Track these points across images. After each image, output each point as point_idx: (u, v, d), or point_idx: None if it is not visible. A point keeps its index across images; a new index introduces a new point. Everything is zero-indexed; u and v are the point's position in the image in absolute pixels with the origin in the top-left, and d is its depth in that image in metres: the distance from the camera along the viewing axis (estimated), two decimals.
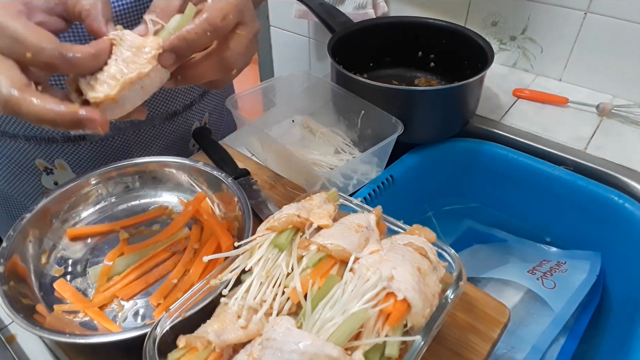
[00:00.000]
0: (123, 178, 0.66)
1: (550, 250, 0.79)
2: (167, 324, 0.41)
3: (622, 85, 0.89)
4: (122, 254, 0.58)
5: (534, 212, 0.82)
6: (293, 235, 0.45)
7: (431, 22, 0.86)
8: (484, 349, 0.49)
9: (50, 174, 0.73)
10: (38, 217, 0.58)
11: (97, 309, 0.52)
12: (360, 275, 0.40)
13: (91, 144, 0.71)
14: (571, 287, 0.68)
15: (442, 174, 0.84)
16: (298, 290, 0.39)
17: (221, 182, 0.62)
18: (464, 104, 0.76)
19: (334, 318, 0.37)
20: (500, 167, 0.81)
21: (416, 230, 0.47)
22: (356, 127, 0.78)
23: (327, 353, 0.34)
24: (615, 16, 0.84)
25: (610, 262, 0.73)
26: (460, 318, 0.52)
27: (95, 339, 0.46)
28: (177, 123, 0.78)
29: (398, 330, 0.38)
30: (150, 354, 0.39)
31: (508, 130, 0.83)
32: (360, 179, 0.72)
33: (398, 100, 0.73)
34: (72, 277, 0.57)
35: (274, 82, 0.84)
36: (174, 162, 0.66)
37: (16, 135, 0.68)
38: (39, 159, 0.71)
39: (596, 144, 0.79)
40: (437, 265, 0.44)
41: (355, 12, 1.09)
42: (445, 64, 0.89)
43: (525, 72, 0.99)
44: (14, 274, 0.52)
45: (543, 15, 0.91)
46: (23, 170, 0.73)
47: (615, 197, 0.71)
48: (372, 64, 0.92)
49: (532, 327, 0.67)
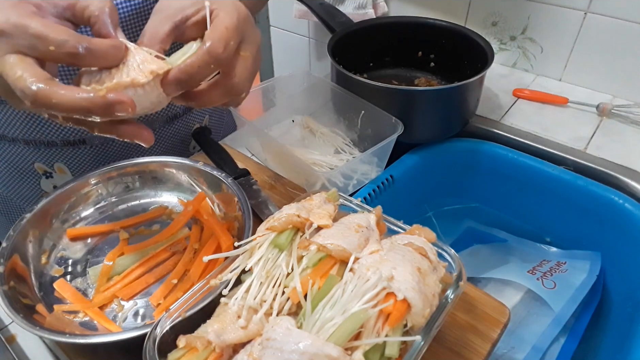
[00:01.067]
0: (123, 178, 0.66)
1: (550, 250, 0.79)
2: (167, 324, 0.41)
3: (622, 85, 0.89)
4: (122, 254, 0.58)
5: (534, 212, 0.82)
6: (293, 235, 0.45)
7: (431, 22, 0.86)
8: (484, 349, 0.49)
9: (49, 177, 0.73)
10: (38, 217, 0.58)
11: (97, 309, 0.52)
12: (360, 275, 0.40)
13: (91, 148, 0.71)
14: (571, 287, 0.68)
15: (442, 174, 0.84)
16: (298, 290, 0.39)
17: (221, 182, 0.62)
18: (464, 104, 0.76)
19: (334, 318, 0.37)
20: (500, 167, 0.81)
21: (416, 230, 0.47)
22: (356, 127, 0.78)
23: (327, 353, 0.34)
24: (615, 16, 0.84)
25: (610, 262, 0.73)
26: (460, 318, 0.52)
27: (95, 339, 0.45)
28: (178, 126, 0.78)
29: (398, 330, 0.38)
30: (150, 354, 0.39)
31: (508, 130, 0.83)
32: (360, 179, 0.72)
33: (398, 100, 0.73)
34: (72, 277, 0.57)
35: (274, 82, 0.84)
36: (174, 162, 0.66)
37: (15, 139, 0.68)
38: (39, 163, 0.71)
39: (596, 144, 0.79)
40: (437, 265, 0.44)
41: (355, 12, 1.09)
42: (445, 64, 0.89)
43: (525, 72, 0.99)
44: (14, 274, 0.52)
45: (543, 15, 0.91)
46: (22, 174, 0.73)
47: (615, 197, 0.71)
48: (372, 64, 0.92)
49: (532, 327, 0.67)
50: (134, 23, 0.62)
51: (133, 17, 0.62)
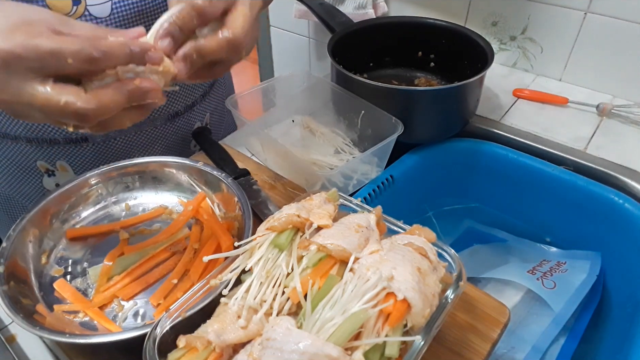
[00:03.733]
0: (123, 178, 0.66)
1: (550, 250, 0.79)
2: (167, 324, 0.41)
3: (622, 85, 0.89)
4: (122, 254, 0.58)
5: (534, 212, 0.82)
6: (293, 235, 0.45)
7: (431, 22, 0.86)
8: (484, 349, 0.49)
9: (51, 175, 0.73)
10: (38, 217, 0.58)
11: (97, 309, 0.52)
12: (360, 275, 0.40)
13: (93, 145, 0.71)
14: (571, 287, 0.68)
15: (442, 174, 0.84)
16: (298, 290, 0.39)
17: (221, 182, 0.62)
18: (464, 104, 0.76)
19: (334, 318, 0.37)
20: (500, 167, 0.81)
21: (416, 230, 0.47)
22: (356, 127, 0.78)
23: (327, 353, 0.34)
24: (615, 16, 0.84)
25: (610, 262, 0.73)
26: (460, 318, 0.52)
27: (95, 339, 0.46)
28: (179, 124, 0.78)
29: (398, 330, 0.38)
30: (150, 354, 0.39)
31: (508, 130, 0.83)
32: (360, 179, 0.72)
33: (398, 100, 0.73)
34: (72, 277, 0.57)
35: (274, 82, 0.83)
36: (174, 162, 0.66)
37: (17, 137, 0.68)
38: (41, 161, 0.71)
39: (596, 144, 0.79)
40: (437, 265, 0.44)
41: (355, 12, 1.09)
42: (445, 64, 0.89)
43: (525, 72, 0.99)
44: (14, 274, 0.52)
45: (543, 15, 0.91)
46: (24, 172, 0.73)
47: (615, 197, 0.71)
48: (372, 64, 0.92)
49: (532, 327, 0.67)
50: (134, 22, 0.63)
51: (132, 16, 0.62)
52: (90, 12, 0.59)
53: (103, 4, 0.60)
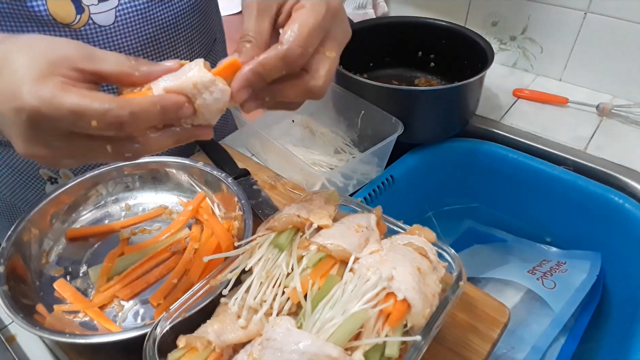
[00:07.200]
0: (123, 178, 0.66)
1: (550, 250, 0.79)
2: (167, 324, 0.41)
3: (622, 85, 0.89)
4: (122, 254, 0.58)
5: (534, 212, 0.82)
6: (293, 235, 0.45)
7: (431, 22, 0.86)
8: (484, 349, 0.49)
9: (54, 183, 0.73)
10: (38, 217, 0.58)
11: (97, 309, 0.52)
12: (360, 275, 0.40)
13: None
14: (571, 287, 0.68)
15: (442, 174, 0.84)
16: (298, 290, 0.39)
17: (221, 182, 0.62)
18: (464, 104, 0.76)
19: (334, 318, 0.37)
20: (500, 167, 0.81)
21: (416, 230, 0.47)
22: (356, 127, 0.78)
23: (327, 353, 0.34)
24: (615, 16, 0.84)
25: (610, 262, 0.73)
26: (460, 318, 0.52)
27: (95, 339, 0.46)
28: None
29: (398, 330, 0.38)
30: (150, 354, 0.39)
31: (508, 130, 0.83)
32: (360, 179, 0.72)
33: (398, 100, 0.73)
34: (72, 277, 0.57)
35: None
36: (174, 162, 0.66)
37: None
38: (44, 169, 0.71)
39: (596, 144, 0.79)
40: (437, 265, 0.44)
41: (355, 12, 1.09)
42: (445, 64, 0.89)
43: (525, 72, 0.99)
44: (14, 274, 0.52)
45: (543, 15, 0.91)
46: (27, 180, 0.73)
47: (615, 197, 0.71)
48: (372, 64, 0.92)
49: (532, 327, 0.67)
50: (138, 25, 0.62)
51: (137, 24, 0.62)
52: (94, 20, 0.59)
53: (107, 12, 0.59)
